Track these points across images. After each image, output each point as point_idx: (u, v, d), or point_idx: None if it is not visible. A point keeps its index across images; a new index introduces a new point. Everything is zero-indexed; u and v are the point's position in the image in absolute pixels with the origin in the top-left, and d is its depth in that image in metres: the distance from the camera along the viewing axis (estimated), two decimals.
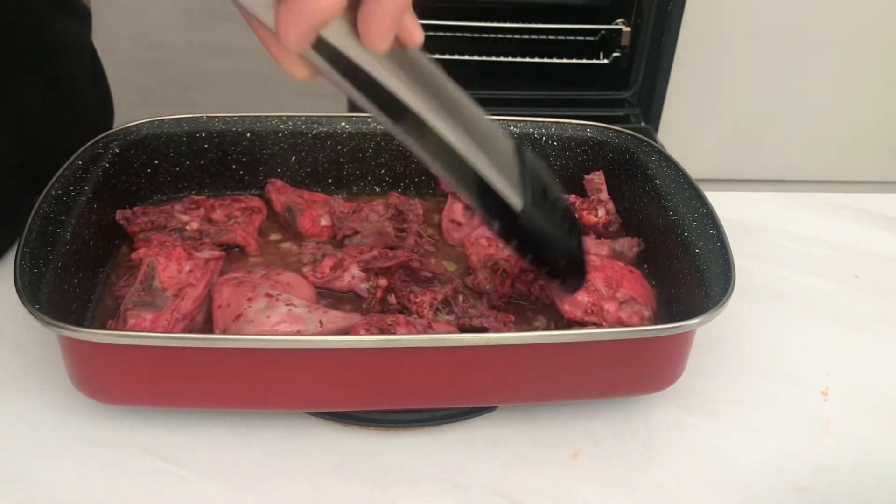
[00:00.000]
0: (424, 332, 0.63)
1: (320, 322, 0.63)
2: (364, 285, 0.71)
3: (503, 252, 0.73)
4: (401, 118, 0.48)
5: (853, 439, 0.66)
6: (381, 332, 0.61)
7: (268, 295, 0.65)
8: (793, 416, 0.67)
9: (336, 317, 0.65)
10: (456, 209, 0.81)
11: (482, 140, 0.51)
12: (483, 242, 0.75)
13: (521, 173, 0.54)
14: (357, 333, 0.61)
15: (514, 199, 0.53)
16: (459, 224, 0.79)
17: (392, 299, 0.69)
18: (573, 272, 0.61)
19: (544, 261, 0.59)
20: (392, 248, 0.76)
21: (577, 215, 0.71)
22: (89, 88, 0.92)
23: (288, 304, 0.64)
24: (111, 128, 0.79)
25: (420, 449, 0.63)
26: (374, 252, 0.73)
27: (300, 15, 0.39)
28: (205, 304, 0.67)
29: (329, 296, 0.71)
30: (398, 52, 0.45)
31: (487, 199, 0.53)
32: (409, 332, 0.62)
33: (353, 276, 0.71)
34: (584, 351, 0.61)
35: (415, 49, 0.46)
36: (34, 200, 0.65)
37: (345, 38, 0.43)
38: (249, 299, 0.64)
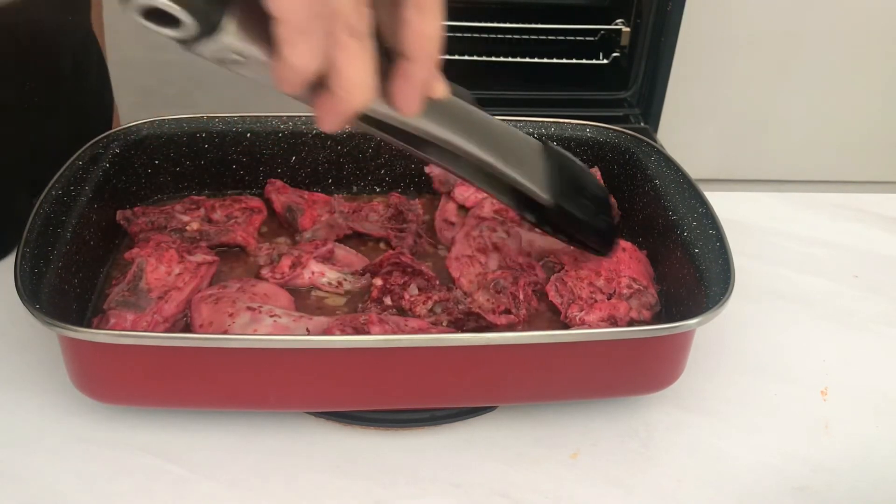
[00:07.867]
0: (399, 329, 0.63)
1: (307, 330, 0.63)
2: (324, 279, 0.71)
3: (490, 266, 0.72)
4: (434, 151, 0.55)
5: (853, 439, 0.66)
6: (356, 331, 0.61)
7: (249, 308, 0.64)
8: (792, 415, 0.67)
9: (321, 323, 0.64)
10: (449, 209, 0.80)
11: (508, 150, 0.58)
12: (466, 261, 0.72)
13: (549, 170, 0.62)
14: (331, 334, 0.61)
15: (544, 196, 0.60)
16: (452, 224, 0.79)
17: (388, 301, 0.69)
18: (605, 244, 0.69)
19: (578, 239, 0.68)
20: (391, 248, 0.76)
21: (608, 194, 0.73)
22: (90, 88, 0.92)
23: (272, 316, 0.63)
24: (111, 128, 0.79)
25: (420, 449, 0.63)
26: (330, 245, 0.73)
27: (335, 110, 0.44)
28: (188, 310, 0.67)
29: (307, 296, 0.71)
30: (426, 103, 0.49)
31: (521, 200, 0.62)
32: (383, 331, 0.61)
33: (312, 273, 0.71)
34: (583, 351, 0.61)
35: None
36: (34, 201, 0.65)
37: (378, 107, 0.47)
38: (231, 315, 0.63)
